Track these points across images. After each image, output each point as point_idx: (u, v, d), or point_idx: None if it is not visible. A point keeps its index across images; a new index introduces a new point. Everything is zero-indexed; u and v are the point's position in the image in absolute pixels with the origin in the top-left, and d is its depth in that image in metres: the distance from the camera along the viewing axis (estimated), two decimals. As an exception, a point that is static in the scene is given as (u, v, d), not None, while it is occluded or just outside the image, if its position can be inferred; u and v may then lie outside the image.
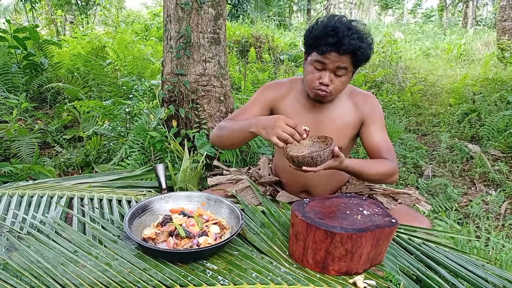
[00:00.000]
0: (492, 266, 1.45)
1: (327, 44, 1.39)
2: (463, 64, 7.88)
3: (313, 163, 1.31)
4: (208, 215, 1.40)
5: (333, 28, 1.38)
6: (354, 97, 1.60)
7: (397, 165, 1.54)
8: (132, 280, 1.10)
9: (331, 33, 1.38)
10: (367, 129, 1.58)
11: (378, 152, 1.54)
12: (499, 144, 3.37)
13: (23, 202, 1.54)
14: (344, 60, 1.41)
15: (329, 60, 1.42)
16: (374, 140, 1.56)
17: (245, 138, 1.49)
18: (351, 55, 1.41)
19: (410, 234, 1.46)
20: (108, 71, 4.32)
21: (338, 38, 1.37)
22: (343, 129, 1.57)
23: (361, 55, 1.41)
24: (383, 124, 1.60)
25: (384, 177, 1.51)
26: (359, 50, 1.39)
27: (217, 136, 1.61)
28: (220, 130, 1.60)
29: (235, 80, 4.79)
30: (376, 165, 1.50)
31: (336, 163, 1.37)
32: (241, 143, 1.55)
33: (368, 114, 1.57)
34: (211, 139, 1.66)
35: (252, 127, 1.42)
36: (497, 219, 2.36)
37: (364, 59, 1.44)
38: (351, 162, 1.43)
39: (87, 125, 3.18)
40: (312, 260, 1.17)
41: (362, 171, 1.46)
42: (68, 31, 8.24)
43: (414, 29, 15.26)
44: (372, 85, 5.38)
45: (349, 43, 1.36)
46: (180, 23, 2.38)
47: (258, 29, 8.25)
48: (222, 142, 1.60)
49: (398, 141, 3.44)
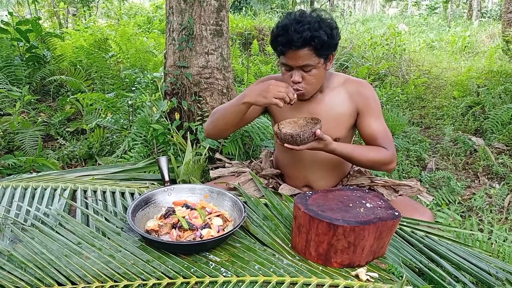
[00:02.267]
0: (495, 259, 1.45)
1: (281, 44, 1.40)
2: (468, 56, 7.82)
3: (293, 141, 1.37)
4: (211, 207, 1.40)
5: (282, 27, 1.39)
6: (348, 86, 1.58)
7: (394, 154, 1.53)
8: (136, 272, 1.11)
9: (281, 33, 1.39)
10: (363, 119, 1.57)
11: (374, 141, 1.55)
12: (503, 137, 3.35)
13: (27, 194, 1.55)
14: (304, 55, 1.39)
15: (290, 59, 1.42)
16: (369, 129, 1.56)
17: (238, 112, 1.49)
18: (309, 47, 1.39)
19: (413, 227, 1.46)
20: (111, 64, 4.31)
21: (288, 35, 1.36)
22: (338, 118, 1.56)
23: (318, 44, 1.38)
24: (379, 111, 1.58)
25: (377, 165, 1.51)
26: (313, 40, 1.37)
27: (210, 123, 1.61)
28: (213, 115, 1.60)
29: (238, 72, 4.77)
30: (368, 151, 1.50)
31: (321, 145, 1.40)
32: (236, 120, 1.54)
33: (363, 103, 1.56)
34: (205, 130, 1.66)
35: (245, 97, 1.44)
36: (500, 212, 2.35)
37: (324, 46, 1.40)
38: (339, 146, 1.45)
39: (90, 118, 3.18)
40: (315, 252, 1.18)
41: (352, 156, 1.48)
42: (71, 23, 8.22)
43: (418, 21, 15.13)
44: (376, 78, 5.36)
45: (300, 37, 1.35)
46: (183, 15, 2.37)
47: (261, 21, 8.20)
48: (217, 125, 1.59)
49: (401, 134, 3.43)
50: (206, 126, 1.65)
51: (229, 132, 1.63)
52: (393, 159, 1.52)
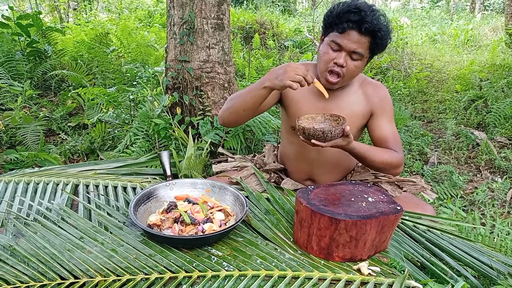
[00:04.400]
0: (497, 253, 1.45)
1: (349, 20, 1.38)
2: (470, 50, 7.77)
3: (323, 137, 1.34)
4: (213, 202, 1.40)
5: (356, 7, 1.38)
6: (365, 86, 1.59)
7: (403, 158, 1.54)
8: (138, 266, 1.11)
9: (354, 10, 1.38)
10: (375, 121, 1.57)
11: (385, 144, 1.55)
12: (505, 131, 3.34)
13: (29, 189, 1.55)
14: (362, 42, 1.40)
15: (348, 40, 1.40)
16: (382, 132, 1.56)
17: (259, 97, 1.46)
18: (370, 37, 1.40)
19: (415, 221, 1.46)
20: (112, 58, 4.30)
21: (361, 15, 1.37)
22: (352, 118, 1.55)
23: (380, 39, 1.40)
24: (392, 116, 1.59)
25: (388, 167, 1.52)
26: (380, 32, 1.39)
27: (227, 109, 1.57)
28: (229, 101, 1.57)
29: (239, 66, 4.75)
30: (382, 153, 1.51)
31: (344, 142, 1.39)
32: (256, 105, 1.50)
33: (378, 105, 1.56)
34: (220, 117, 1.62)
35: (266, 82, 1.41)
36: (503, 206, 2.35)
37: (382, 44, 1.43)
38: (358, 145, 1.45)
39: (92, 113, 3.18)
40: (317, 246, 1.18)
41: (367, 156, 1.48)
42: (72, 18, 8.18)
43: (421, 14, 15.03)
44: (378, 72, 5.33)
45: (371, 22, 1.36)
46: (184, 9, 2.36)
47: (262, 15, 8.15)
48: (235, 111, 1.55)
49: (403, 128, 3.42)
50: (222, 113, 1.61)
51: (247, 119, 1.59)
52: (402, 163, 1.54)
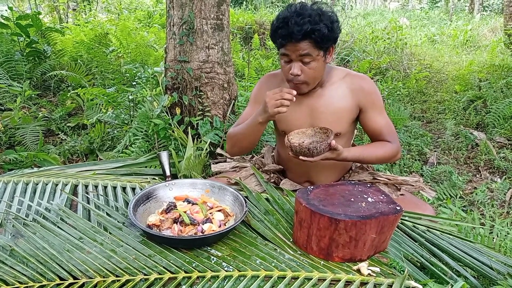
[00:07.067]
0: (497, 253, 1.45)
1: (281, 36, 1.40)
2: (469, 50, 7.78)
3: (309, 154, 1.37)
4: (212, 202, 1.40)
5: (283, 19, 1.39)
6: (349, 80, 1.58)
7: (398, 146, 1.57)
8: (137, 267, 1.11)
9: (281, 25, 1.39)
10: (366, 115, 1.58)
11: (379, 136, 1.58)
12: (504, 131, 3.34)
13: (28, 189, 1.55)
14: (303, 47, 1.40)
15: (290, 51, 1.42)
16: (374, 125, 1.58)
17: (258, 131, 1.54)
18: (309, 39, 1.39)
19: (414, 221, 1.46)
20: (111, 59, 4.30)
21: (288, 27, 1.37)
22: (339, 113, 1.56)
23: (318, 37, 1.38)
24: (382, 105, 1.59)
25: (385, 160, 1.58)
26: (314, 33, 1.37)
27: (233, 146, 1.66)
28: (232, 138, 1.65)
29: (239, 67, 4.75)
30: (375, 150, 1.54)
31: (333, 155, 1.43)
32: (258, 136, 1.59)
33: (366, 99, 1.56)
34: (230, 153, 1.72)
35: (259, 118, 1.48)
36: (502, 207, 2.35)
37: (324, 40, 1.40)
38: (349, 153, 1.47)
39: (91, 113, 3.18)
40: (316, 247, 1.18)
41: (362, 159, 1.52)
42: (71, 18, 8.18)
43: (420, 15, 15.03)
44: (377, 72, 5.33)
45: (300, 30, 1.35)
46: (183, 9, 2.36)
47: (261, 16, 8.16)
48: (242, 146, 1.64)
49: (402, 128, 3.42)
50: (230, 150, 1.69)
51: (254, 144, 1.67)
52: (398, 151, 1.57)
